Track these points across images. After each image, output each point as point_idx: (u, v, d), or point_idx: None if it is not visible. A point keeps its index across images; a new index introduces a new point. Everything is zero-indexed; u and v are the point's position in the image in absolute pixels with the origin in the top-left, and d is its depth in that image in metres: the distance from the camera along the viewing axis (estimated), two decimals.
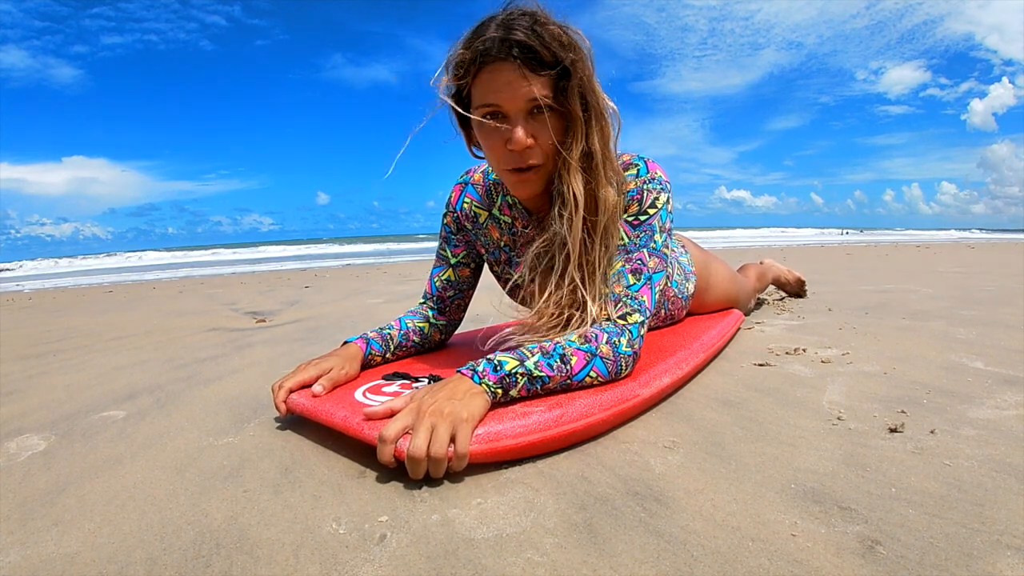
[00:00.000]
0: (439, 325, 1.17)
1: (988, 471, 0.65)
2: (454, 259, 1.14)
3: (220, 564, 0.53)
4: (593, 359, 0.80)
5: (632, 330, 0.84)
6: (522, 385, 0.75)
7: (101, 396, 1.15)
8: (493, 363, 0.75)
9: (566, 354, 0.79)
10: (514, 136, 0.81)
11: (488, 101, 0.81)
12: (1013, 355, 1.17)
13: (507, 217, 1.04)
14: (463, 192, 1.09)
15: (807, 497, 0.60)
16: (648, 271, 0.88)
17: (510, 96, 0.79)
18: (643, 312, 0.86)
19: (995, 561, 0.48)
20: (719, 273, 1.47)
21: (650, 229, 0.90)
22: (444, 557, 0.52)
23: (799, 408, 0.89)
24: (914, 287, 2.54)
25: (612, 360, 0.82)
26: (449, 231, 1.13)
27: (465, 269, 1.15)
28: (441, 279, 1.15)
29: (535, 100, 0.79)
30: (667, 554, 0.51)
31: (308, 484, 0.68)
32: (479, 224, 1.08)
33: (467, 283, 1.16)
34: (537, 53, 0.78)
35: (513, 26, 0.78)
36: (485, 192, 1.06)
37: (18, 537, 0.59)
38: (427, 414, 0.67)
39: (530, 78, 0.78)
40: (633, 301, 0.86)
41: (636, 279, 0.87)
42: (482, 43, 0.79)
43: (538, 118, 0.81)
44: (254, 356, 1.50)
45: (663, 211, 0.91)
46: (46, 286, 6.23)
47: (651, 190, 0.91)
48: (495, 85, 0.80)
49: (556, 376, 0.77)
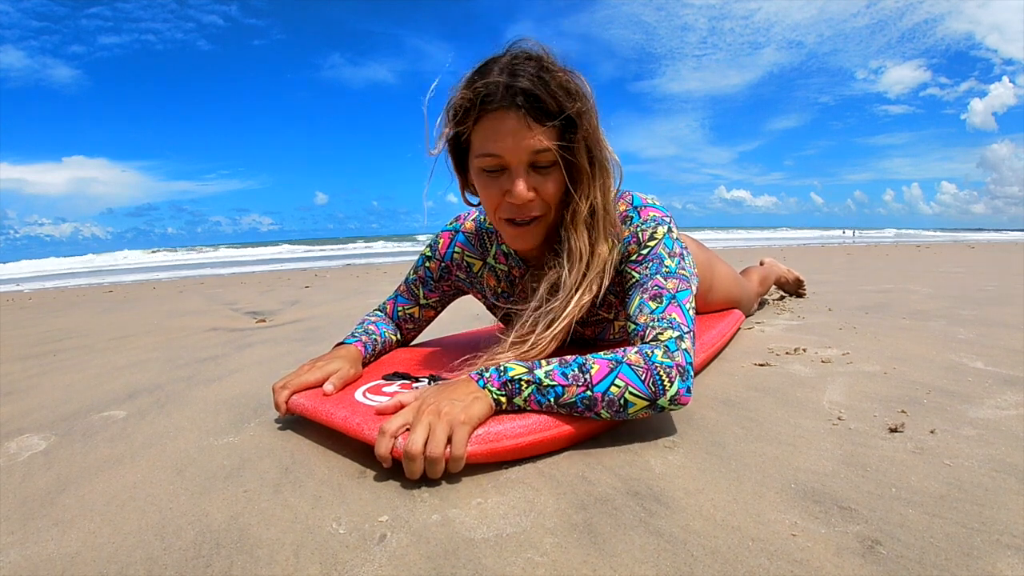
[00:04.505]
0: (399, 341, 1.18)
1: (988, 471, 0.65)
2: (424, 300, 1.13)
3: (220, 564, 0.53)
4: (618, 367, 0.72)
5: (668, 343, 0.75)
6: (528, 393, 0.72)
7: (101, 396, 1.15)
8: (500, 369, 0.74)
9: (586, 363, 0.73)
10: (515, 190, 0.78)
11: (489, 151, 0.78)
12: (1013, 355, 1.17)
13: (503, 265, 1.01)
14: (453, 241, 1.06)
15: (807, 497, 0.60)
16: (668, 292, 0.82)
17: (512, 147, 0.76)
18: (676, 328, 0.77)
19: (995, 561, 0.48)
20: (722, 274, 1.47)
21: (656, 258, 0.86)
22: (444, 557, 0.52)
23: (799, 408, 0.89)
24: (914, 287, 2.54)
25: (644, 368, 0.72)
26: (429, 275, 1.10)
27: (430, 311, 1.16)
28: (405, 312, 1.15)
29: (538, 152, 0.77)
30: (667, 554, 0.51)
31: (308, 484, 0.68)
32: (474, 274, 1.05)
33: (426, 322, 1.19)
34: (543, 102, 0.75)
35: (518, 72, 0.75)
36: (478, 241, 1.03)
37: (18, 537, 0.59)
38: (426, 413, 0.67)
39: (534, 128, 0.75)
40: (660, 322, 0.78)
41: (658, 303, 0.81)
42: (485, 87, 0.75)
43: (540, 171, 0.79)
44: (254, 356, 1.50)
45: (665, 239, 0.87)
46: (46, 286, 6.23)
47: (645, 229, 0.87)
48: (497, 134, 0.76)
49: (571, 386, 0.71)
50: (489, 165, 0.79)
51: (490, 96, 0.75)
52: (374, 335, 1.07)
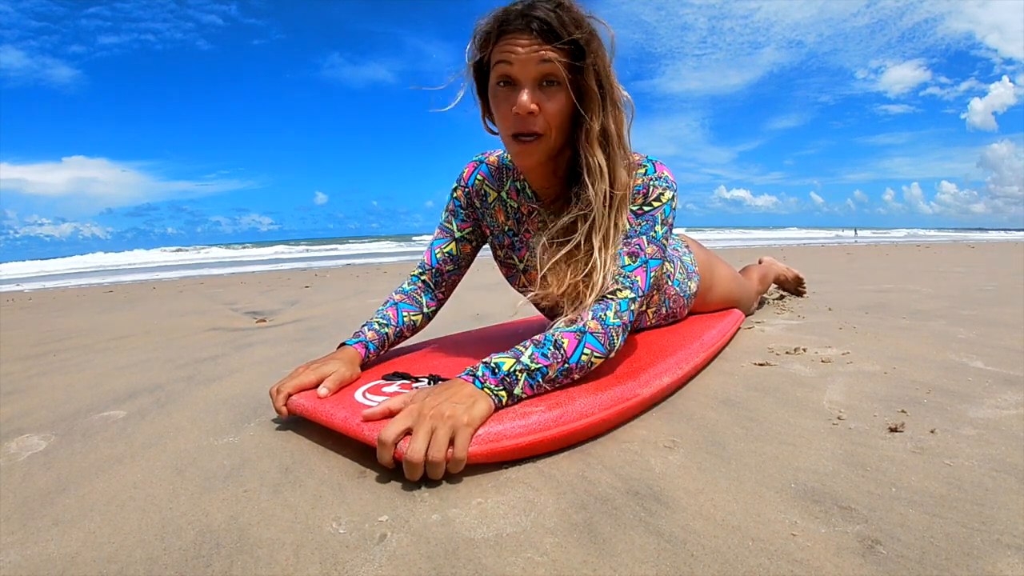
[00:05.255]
0: (429, 313, 1.16)
1: (988, 471, 0.65)
2: (459, 232, 1.14)
3: (220, 564, 0.53)
4: (584, 336, 0.81)
5: (621, 303, 0.85)
6: (523, 382, 0.76)
7: (101, 396, 1.15)
8: (491, 366, 0.75)
9: (557, 339, 0.80)
10: (519, 99, 0.83)
11: (502, 67, 0.84)
12: (1013, 355, 1.17)
13: (514, 202, 1.05)
14: (476, 169, 1.11)
15: (807, 496, 0.60)
16: (644, 255, 0.90)
17: (522, 62, 0.82)
18: (634, 290, 0.87)
19: (995, 561, 0.48)
20: (722, 274, 1.47)
21: (652, 220, 0.92)
22: (444, 557, 0.52)
23: (799, 408, 0.89)
24: (914, 287, 2.54)
25: (602, 333, 0.83)
26: (458, 204, 1.13)
27: (467, 245, 1.15)
28: (443, 251, 1.14)
29: (546, 67, 0.82)
30: (667, 554, 0.51)
31: (308, 484, 0.68)
32: (487, 203, 1.09)
33: (466, 260, 1.17)
34: (555, 29, 0.81)
35: (536, 4, 0.82)
36: (498, 173, 1.08)
37: (18, 537, 0.59)
38: (428, 417, 0.67)
39: (544, 49, 0.81)
40: (625, 279, 0.87)
41: (632, 260, 0.89)
42: (505, 13, 0.84)
43: (547, 90, 0.84)
44: (254, 356, 1.50)
45: (667, 206, 0.93)
46: (46, 286, 6.23)
47: (656, 186, 0.92)
48: (510, 53, 0.82)
49: (552, 363, 0.78)
50: (501, 79, 0.85)
51: (508, 21, 0.83)
52: (386, 327, 1.06)
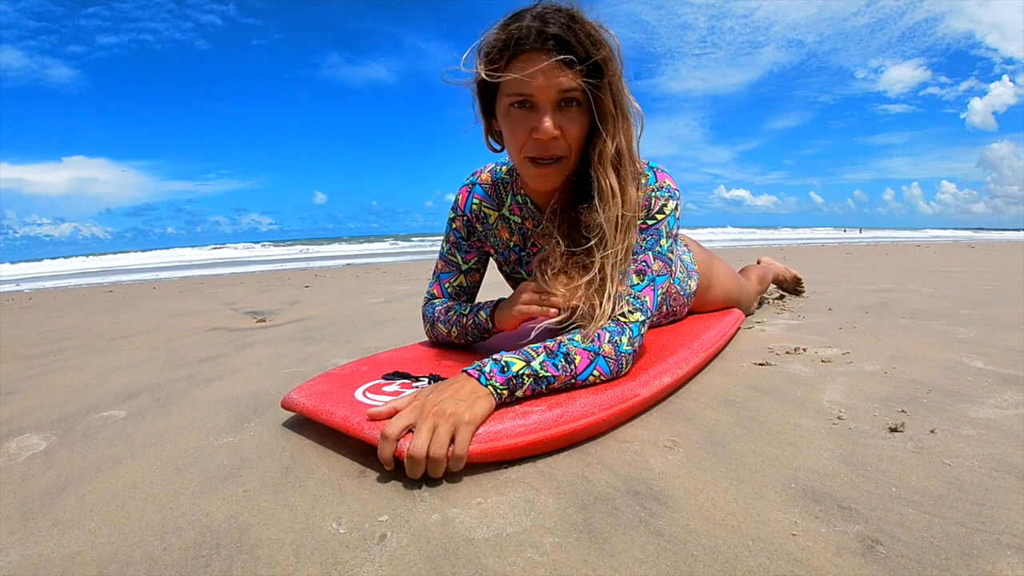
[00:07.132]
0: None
1: (988, 470, 0.65)
2: (465, 265, 1.13)
3: (220, 564, 0.53)
4: (596, 358, 0.81)
5: (633, 328, 0.85)
6: (528, 385, 0.76)
7: (101, 396, 1.15)
8: (500, 364, 0.75)
9: (570, 353, 0.80)
10: (542, 125, 0.81)
11: (520, 90, 0.81)
12: (1013, 354, 1.17)
13: (517, 217, 1.04)
14: (471, 193, 1.08)
15: (807, 496, 0.60)
16: (652, 273, 0.89)
17: (543, 85, 0.79)
18: (644, 312, 0.87)
19: (995, 560, 0.48)
20: (721, 273, 1.47)
21: (656, 234, 0.91)
22: (444, 557, 0.52)
23: (799, 407, 0.89)
24: (914, 286, 2.54)
25: (614, 359, 0.83)
26: (459, 236, 1.11)
27: (476, 275, 1.15)
28: (453, 284, 1.14)
29: (567, 92, 0.80)
30: (667, 553, 0.51)
31: (308, 484, 0.68)
32: (489, 225, 1.07)
33: (477, 286, 1.18)
34: (572, 48, 0.79)
35: (548, 20, 0.79)
36: (494, 191, 1.06)
37: (18, 537, 0.59)
38: (430, 414, 0.67)
39: (563, 70, 0.79)
40: (635, 300, 0.87)
41: (640, 279, 0.88)
42: (519, 30, 0.79)
43: (566, 112, 0.82)
44: (254, 356, 1.50)
45: (671, 217, 0.92)
46: (46, 286, 6.23)
47: (659, 197, 0.91)
48: (529, 74, 0.79)
49: (561, 376, 0.78)
50: (516, 100, 0.82)
51: (523, 39, 0.79)
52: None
